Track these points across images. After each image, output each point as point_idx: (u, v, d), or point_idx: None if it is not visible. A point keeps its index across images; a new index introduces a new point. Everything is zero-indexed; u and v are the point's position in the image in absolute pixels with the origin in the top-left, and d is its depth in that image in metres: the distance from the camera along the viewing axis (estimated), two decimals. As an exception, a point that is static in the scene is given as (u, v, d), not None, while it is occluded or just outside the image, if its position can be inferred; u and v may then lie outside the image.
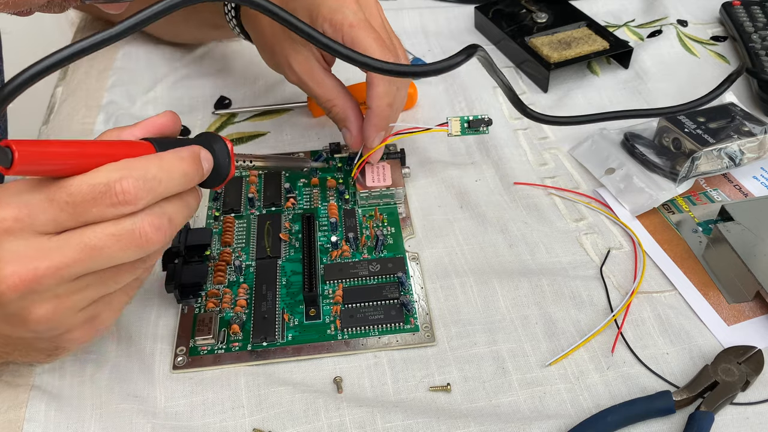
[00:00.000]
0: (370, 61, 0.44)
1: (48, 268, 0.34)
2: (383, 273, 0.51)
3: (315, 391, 0.44)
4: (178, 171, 0.37)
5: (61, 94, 0.70)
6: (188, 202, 0.38)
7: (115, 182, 0.34)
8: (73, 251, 0.34)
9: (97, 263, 0.35)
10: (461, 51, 0.47)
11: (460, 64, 0.46)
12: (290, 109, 0.68)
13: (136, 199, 0.34)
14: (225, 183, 0.42)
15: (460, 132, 0.54)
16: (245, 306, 0.49)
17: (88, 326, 0.39)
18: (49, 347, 0.40)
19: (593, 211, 0.56)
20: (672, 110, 0.59)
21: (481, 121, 0.53)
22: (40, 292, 0.34)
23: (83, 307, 0.37)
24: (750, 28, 0.72)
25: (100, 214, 0.34)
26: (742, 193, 0.57)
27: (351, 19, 0.50)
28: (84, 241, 0.34)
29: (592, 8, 0.80)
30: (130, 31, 0.35)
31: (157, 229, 0.35)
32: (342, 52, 0.44)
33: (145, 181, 0.35)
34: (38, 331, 0.36)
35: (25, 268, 0.33)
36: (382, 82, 0.51)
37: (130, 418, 0.42)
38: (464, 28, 0.79)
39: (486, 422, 0.42)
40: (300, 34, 0.42)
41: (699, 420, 0.41)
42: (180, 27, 0.72)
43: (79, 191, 0.34)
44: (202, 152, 0.39)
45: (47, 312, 0.35)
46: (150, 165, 0.35)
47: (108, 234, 0.34)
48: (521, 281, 0.50)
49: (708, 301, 0.49)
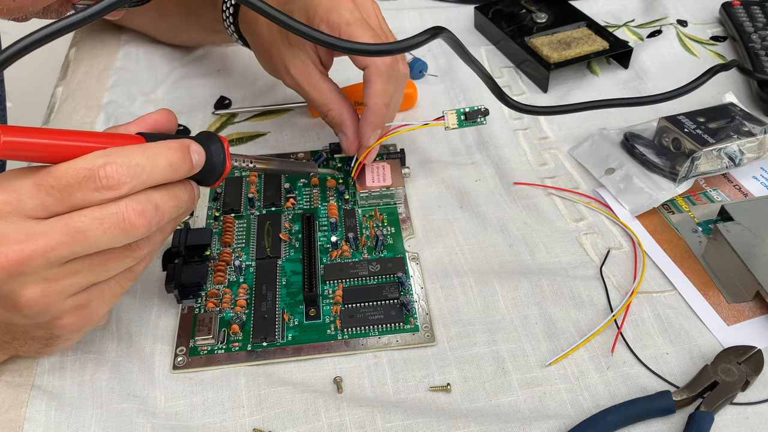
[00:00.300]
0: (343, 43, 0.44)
1: (34, 250, 0.35)
2: (383, 273, 0.51)
3: (315, 391, 0.44)
4: (165, 159, 0.37)
5: (62, 94, 0.70)
6: (177, 193, 0.39)
7: (99, 167, 0.35)
8: (58, 234, 0.35)
9: (83, 247, 0.36)
10: (426, 30, 0.46)
11: (423, 43, 0.46)
12: (290, 109, 0.68)
13: (119, 184, 0.35)
14: (221, 180, 0.43)
15: (457, 125, 0.53)
16: (245, 306, 0.49)
17: (80, 313, 0.39)
18: (45, 335, 0.41)
19: (593, 211, 0.56)
20: (655, 99, 0.58)
21: (478, 112, 0.53)
22: (28, 274, 0.35)
23: (73, 293, 0.38)
24: (750, 28, 0.72)
25: (85, 198, 0.35)
26: (742, 193, 0.57)
27: (348, 17, 0.50)
28: (69, 225, 0.35)
29: (591, 8, 0.80)
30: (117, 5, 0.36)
31: (141, 214, 0.36)
32: (336, 44, 0.44)
33: (129, 167, 0.35)
34: (30, 315, 0.37)
35: (11, 249, 0.34)
36: (380, 80, 0.51)
37: (130, 417, 0.43)
38: (464, 28, 0.79)
39: (486, 422, 0.42)
40: (296, 33, 0.43)
41: (699, 420, 0.41)
42: (179, 30, 0.72)
43: (65, 176, 0.35)
44: (193, 145, 0.40)
45: (36, 294, 0.36)
46: (135, 152, 0.36)
47: (92, 218, 0.35)
48: (521, 281, 0.50)
49: (708, 301, 0.49)
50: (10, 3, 0.40)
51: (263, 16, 0.41)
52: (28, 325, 0.39)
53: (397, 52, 0.46)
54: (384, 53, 0.47)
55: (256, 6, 0.40)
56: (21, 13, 0.42)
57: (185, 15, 0.68)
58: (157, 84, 0.72)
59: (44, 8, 0.43)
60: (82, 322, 0.40)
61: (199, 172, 0.40)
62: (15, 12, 0.42)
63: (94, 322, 0.41)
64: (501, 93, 0.52)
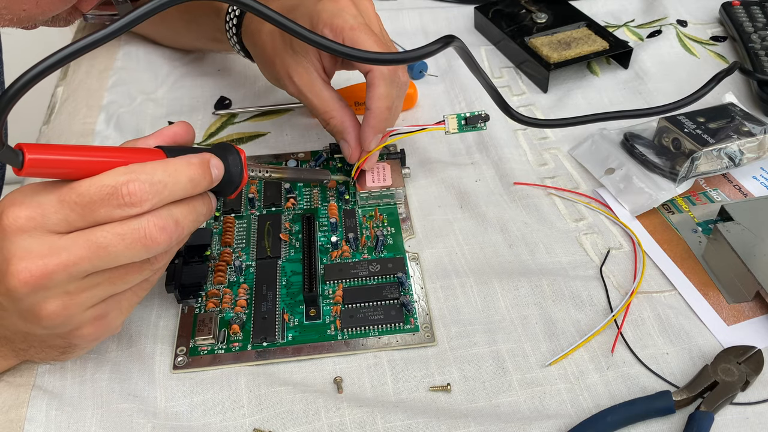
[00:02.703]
0: (354, 52, 0.44)
1: (57, 265, 0.35)
2: (383, 273, 0.51)
3: (315, 391, 0.44)
4: (185, 175, 0.38)
5: (62, 94, 0.70)
6: (196, 207, 0.39)
7: (122, 185, 0.35)
8: (81, 249, 0.35)
9: (105, 261, 0.36)
10: (438, 39, 0.46)
11: (436, 52, 0.46)
12: (290, 109, 0.68)
13: (141, 201, 0.36)
14: (238, 192, 0.43)
15: (457, 129, 0.53)
16: (245, 306, 0.49)
17: (98, 324, 0.40)
18: (62, 344, 0.41)
19: (593, 211, 0.56)
20: (658, 110, 0.58)
21: (479, 117, 0.53)
22: (51, 288, 0.36)
23: (93, 304, 0.39)
24: (749, 28, 0.72)
25: (108, 214, 0.36)
26: (742, 193, 0.57)
27: (351, 22, 0.50)
28: (92, 240, 0.36)
29: (591, 8, 0.80)
30: (125, 28, 0.35)
31: (162, 230, 0.37)
32: (340, 50, 0.44)
33: (151, 184, 0.36)
34: (50, 327, 0.38)
35: (35, 264, 0.35)
36: (383, 84, 0.51)
37: (130, 417, 0.43)
38: (464, 28, 0.79)
39: (486, 422, 0.42)
40: (300, 38, 0.43)
41: (699, 420, 0.41)
42: (180, 36, 0.72)
43: (88, 192, 0.35)
44: (212, 159, 0.40)
45: (57, 308, 0.37)
46: (157, 169, 0.37)
47: (115, 233, 0.36)
48: (521, 281, 0.50)
49: (708, 301, 0.49)
50: (20, 12, 0.41)
51: (273, 25, 0.41)
52: (47, 335, 0.40)
53: (410, 61, 0.46)
54: (396, 62, 0.48)
55: (265, 14, 0.40)
56: (30, 22, 0.43)
57: (187, 22, 0.68)
58: (157, 84, 0.72)
59: (53, 16, 0.43)
60: (100, 331, 0.41)
61: (218, 184, 0.41)
62: (24, 21, 0.42)
63: (111, 330, 0.42)
64: (506, 106, 0.53)
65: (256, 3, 0.39)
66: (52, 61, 0.33)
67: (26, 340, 0.41)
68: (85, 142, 0.63)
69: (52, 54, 0.33)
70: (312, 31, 0.42)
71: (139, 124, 0.66)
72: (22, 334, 0.40)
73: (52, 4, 0.41)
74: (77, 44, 0.33)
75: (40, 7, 0.41)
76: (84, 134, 0.64)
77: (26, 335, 0.40)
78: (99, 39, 0.34)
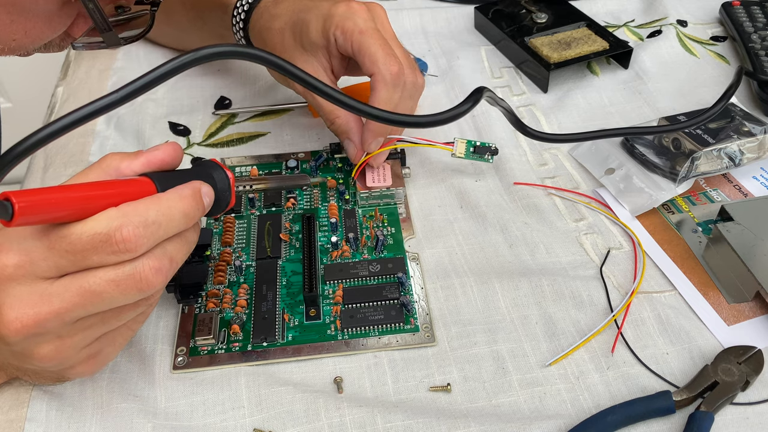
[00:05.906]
0: (372, 111, 0.45)
1: (49, 313, 0.34)
2: (383, 273, 0.51)
3: (315, 392, 0.44)
4: (179, 211, 0.37)
5: (62, 94, 0.70)
6: (188, 239, 0.38)
7: (115, 230, 0.34)
8: (74, 296, 0.34)
9: (97, 307, 0.35)
10: (468, 97, 0.48)
11: (467, 111, 0.47)
12: (290, 109, 0.68)
13: (136, 247, 0.34)
14: (225, 212, 0.42)
15: (464, 155, 0.54)
16: (245, 306, 0.49)
17: (93, 361, 0.40)
18: (56, 376, 0.41)
19: (593, 211, 0.56)
20: (671, 128, 0.57)
21: (488, 149, 0.54)
22: (43, 334, 0.35)
23: (86, 344, 0.38)
24: (750, 29, 0.72)
25: (101, 260, 0.34)
26: (742, 193, 0.57)
27: (361, 26, 0.51)
28: (84, 287, 0.34)
29: (591, 8, 0.80)
30: (131, 96, 0.35)
31: (157, 272, 0.36)
32: (340, 99, 0.44)
33: (145, 227, 0.35)
34: (43, 366, 0.38)
35: (26, 314, 0.34)
36: (384, 89, 0.51)
37: (130, 417, 0.43)
38: (464, 28, 0.79)
39: (486, 422, 0.42)
40: (297, 81, 0.42)
41: (699, 420, 0.41)
42: (185, 34, 0.72)
43: (79, 240, 0.34)
44: (203, 187, 0.39)
45: (50, 351, 0.36)
46: (150, 209, 0.35)
47: (108, 280, 0.35)
48: (521, 281, 0.50)
49: (708, 301, 0.49)
50: (10, 42, 0.41)
51: (291, 80, 0.41)
52: (40, 370, 0.39)
53: (443, 123, 0.47)
54: (431, 125, 0.48)
55: (260, 57, 0.39)
56: (22, 50, 0.42)
57: (192, 20, 0.68)
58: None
59: (46, 43, 0.43)
60: (94, 368, 0.40)
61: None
62: (16, 50, 0.42)
63: (105, 364, 0.41)
64: (525, 129, 0.53)
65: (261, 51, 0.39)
66: (53, 129, 0.33)
67: (20, 370, 0.41)
68: (85, 142, 0.63)
69: (51, 123, 0.33)
70: (312, 76, 0.43)
71: (139, 124, 0.66)
72: (14, 366, 0.40)
73: (42, 32, 0.41)
74: (82, 110, 0.34)
75: (30, 36, 0.41)
76: (84, 134, 0.64)
77: (19, 368, 0.40)
78: (105, 105, 0.34)
